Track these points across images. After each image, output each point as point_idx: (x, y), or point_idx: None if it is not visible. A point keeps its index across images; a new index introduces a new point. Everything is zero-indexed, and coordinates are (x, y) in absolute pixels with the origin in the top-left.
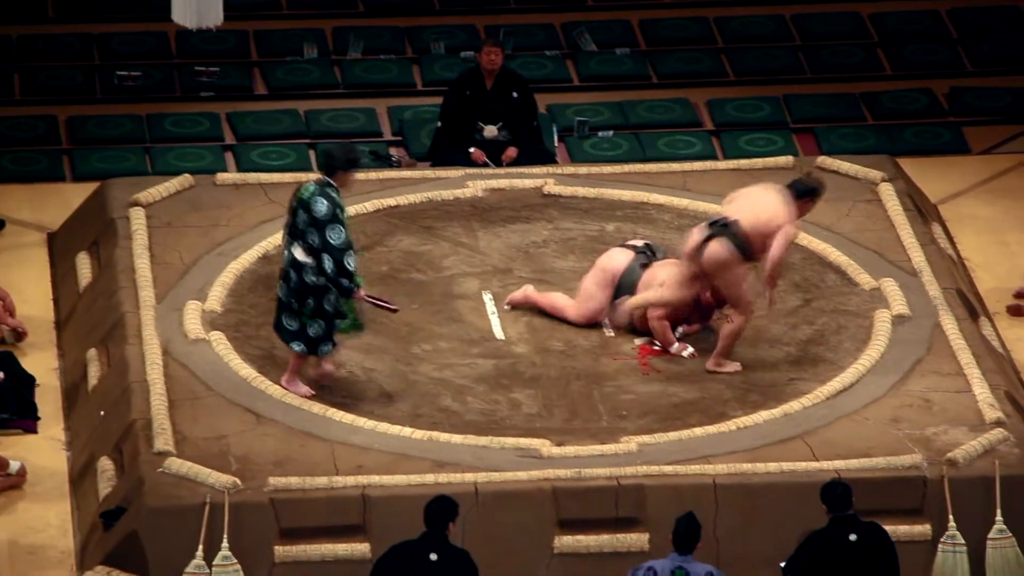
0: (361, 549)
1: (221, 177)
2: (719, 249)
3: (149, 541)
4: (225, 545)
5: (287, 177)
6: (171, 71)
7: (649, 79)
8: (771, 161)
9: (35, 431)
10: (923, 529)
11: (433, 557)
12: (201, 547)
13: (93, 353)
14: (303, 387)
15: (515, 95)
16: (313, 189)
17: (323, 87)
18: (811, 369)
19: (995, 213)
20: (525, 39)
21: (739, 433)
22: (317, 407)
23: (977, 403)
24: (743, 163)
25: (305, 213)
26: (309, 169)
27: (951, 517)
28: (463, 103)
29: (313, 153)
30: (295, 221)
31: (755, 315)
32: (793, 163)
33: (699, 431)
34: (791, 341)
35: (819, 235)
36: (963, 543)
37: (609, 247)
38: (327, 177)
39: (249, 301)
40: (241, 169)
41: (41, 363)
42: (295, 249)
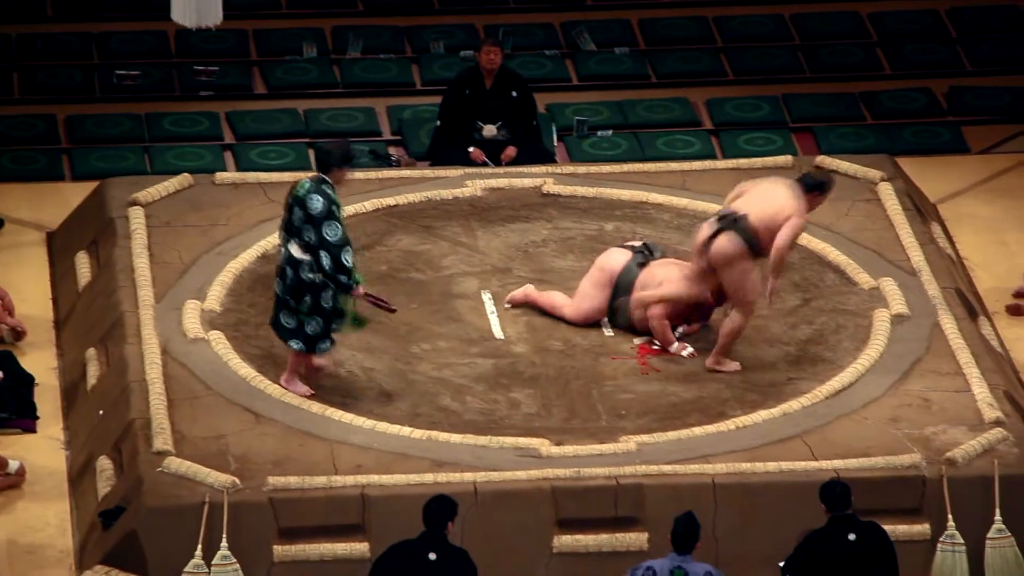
0: (360, 548)
1: (220, 176)
2: (727, 243)
3: (148, 540)
4: (224, 544)
5: (286, 176)
6: (170, 70)
7: (648, 78)
8: (770, 161)
9: (34, 430)
10: (922, 529)
11: (432, 556)
12: (200, 546)
13: (92, 352)
14: (302, 386)
15: (514, 94)
16: (309, 186)
17: (322, 86)
18: (810, 368)
19: (994, 212)
20: (524, 38)
21: (738, 433)
22: (316, 406)
23: (976, 403)
24: (742, 162)
25: (301, 210)
26: (308, 168)
27: (950, 517)
28: (462, 102)
29: (312, 152)
30: (291, 218)
31: (756, 314)
32: (792, 162)
33: (698, 431)
34: (790, 340)
35: (818, 234)
36: (962, 543)
37: (608, 246)
38: (322, 174)
39: (248, 300)
40: (240, 168)
41: (40, 362)
42: (292, 246)
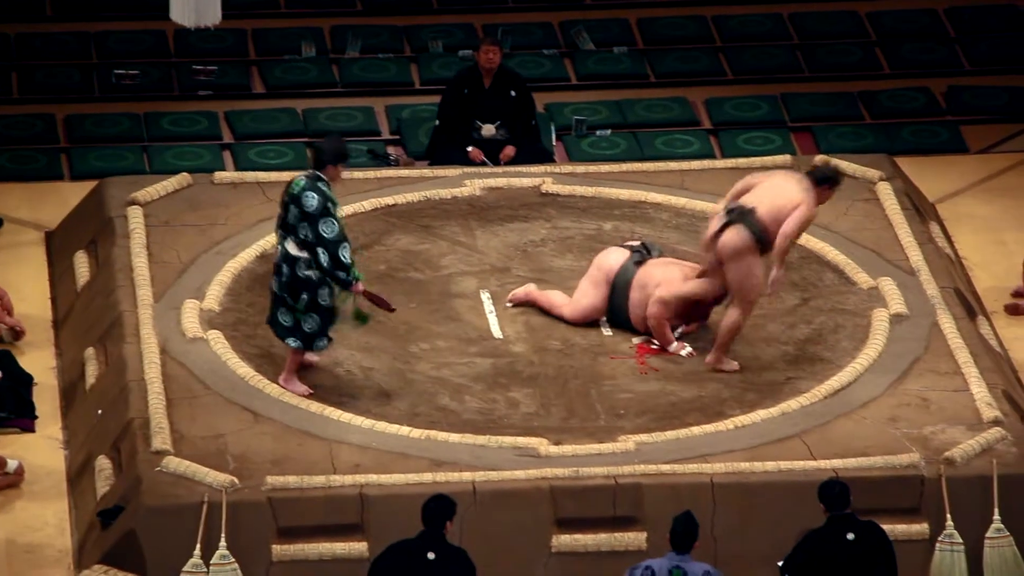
0: (359, 548)
1: (219, 176)
2: (735, 236)
3: (147, 540)
4: (223, 544)
5: (285, 176)
6: (169, 70)
7: (647, 78)
8: (769, 160)
9: (33, 430)
10: (921, 528)
11: (431, 556)
12: (199, 546)
13: (91, 352)
14: (301, 386)
15: (513, 94)
16: (304, 184)
17: (321, 86)
18: (809, 368)
19: (993, 212)
20: (523, 38)
21: (737, 432)
22: (315, 406)
23: (975, 402)
24: (741, 162)
25: (296, 208)
26: (307, 168)
27: (949, 516)
28: (461, 102)
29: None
30: (286, 216)
31: (755, 313)
32: (791, 162)
33: (697, 430)
34: (789, 340)
35: (817, 234)
36: (960, 542)
37: (607, 246)
38: (317, 171)
39: (247, 300)
40: (239, 168)
41: (39, 362)
42: (288, 243)
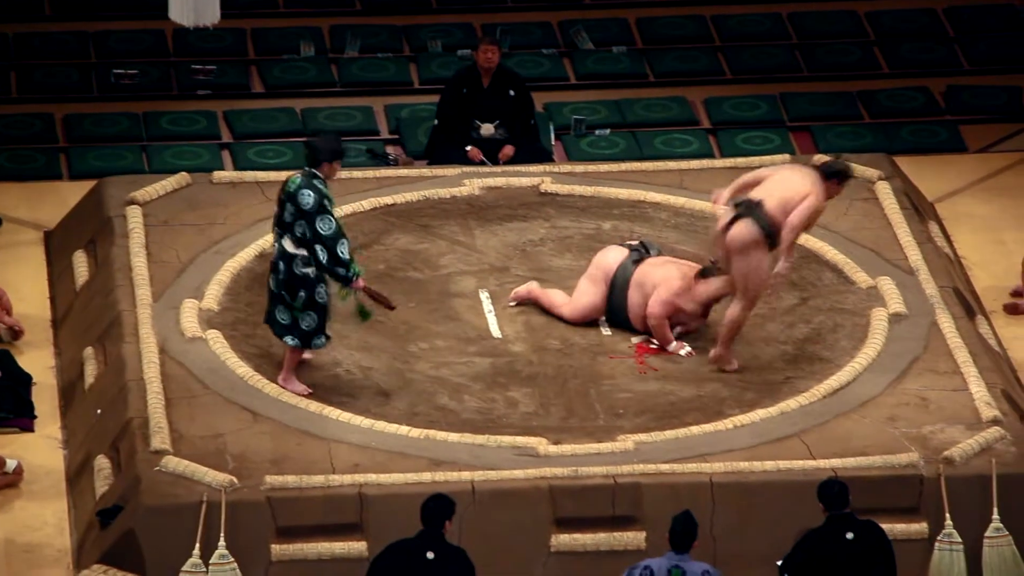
0: (358, 547)
1: (218, 175)
2: (743, 229)
3: (146, 539)
4: (222, 543)
5: (284, 175)
6: (168, 69)
7: (646, 77)
8: (768, 160)
9: (32, 429)
10: (920, 527)
11: (430, 555)
12: (198, 545)
13: (90, 351)
14: (300, 385)
15: (512, 93)
16: (299, 181)
17: (320, 85)
18: (808, 367)
19: (992, 211)
20: (522, 37)
21: (736, 431)
22: (314, 405)
23: (974, 401)
24: (740, 161)
25: (292, 206)
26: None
27: (948, 515)
28: (460, 101)
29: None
30: (282, 214)
31: (754, 313)
32: (790, 162)
33: (696, 429)
34: (788, 339)
35: (816, 233)
36: (960, 541)
37: (606, 245)
38: (312, 169)
39: (246, 299)
40: (238, 167)
41: (38, 361)
42: (285, 241)
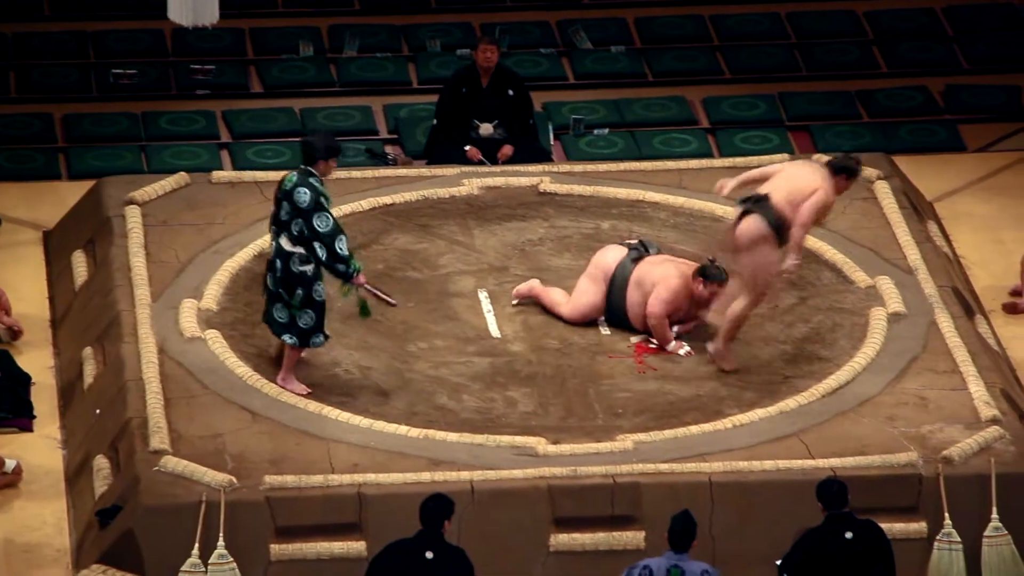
0: (357, 547)
1: (217, 175)
2: (752, 224)
3: (145, 539)
4: (221, 543)
5: (282, 175)
6: (167, 69)
7: (645, 77)
8: (767, 159)
9: (31, 429)
10: (919, 527)
11: (429, 555)
12: (197, 545)
13: (89, 351)
14: (299, 385)
15: (511, 93)
16: (295, 180)
17: (319, 85)
18: (807, 367)
19: (991, 211)
20: (521, 37)
21: (735, 431)
22: (313, 405)
23: (973, 401)
24: (739, 161)
25: (289, 204)
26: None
27: (947, 515)
28: (459, 101)
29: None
30: (279, 212)
31: (753, 313)
32: (789, 161)
33: (695, 429)
34: (787, 339)
35: (815, 233)
36: (959, 541)
37: (605, 245)
38: (308, 167)
39: (245, 299)
40: (237, 167)
41: (37, 361)
42: (281, 239)
